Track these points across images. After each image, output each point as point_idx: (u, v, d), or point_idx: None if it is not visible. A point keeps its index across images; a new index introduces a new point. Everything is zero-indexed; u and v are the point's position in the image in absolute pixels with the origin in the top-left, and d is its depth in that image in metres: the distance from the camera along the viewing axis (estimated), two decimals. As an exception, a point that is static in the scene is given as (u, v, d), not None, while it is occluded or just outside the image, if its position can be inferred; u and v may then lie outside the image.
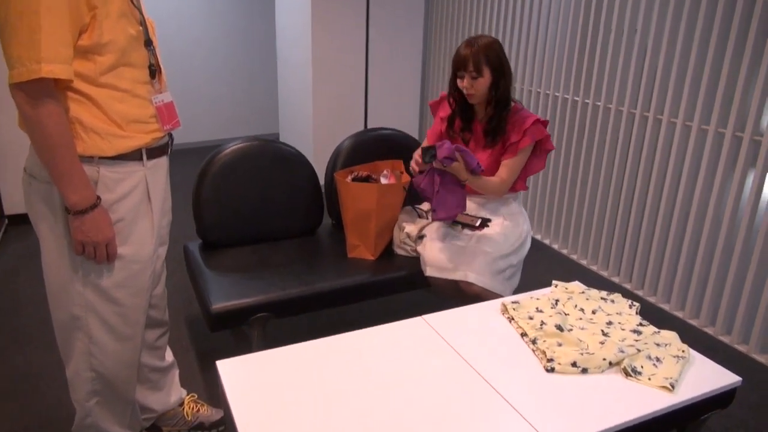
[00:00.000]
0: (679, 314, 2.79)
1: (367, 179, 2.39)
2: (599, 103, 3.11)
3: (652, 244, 2.91)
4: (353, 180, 2.36)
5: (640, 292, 2.99)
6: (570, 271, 3.24)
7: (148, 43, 1.42)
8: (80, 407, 1.55)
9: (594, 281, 3.10)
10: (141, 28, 1.40)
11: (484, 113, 2.17)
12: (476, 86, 2.07)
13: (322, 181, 2.59)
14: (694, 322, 2.73)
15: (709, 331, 2.66)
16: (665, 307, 2.86)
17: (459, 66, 2.07)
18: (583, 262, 3.32)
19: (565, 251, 3.47)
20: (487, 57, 2.03)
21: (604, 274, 3.18)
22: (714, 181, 2.61)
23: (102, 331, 1.47)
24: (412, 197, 2.40)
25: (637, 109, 2.93)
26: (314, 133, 4.33)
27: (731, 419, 2.10)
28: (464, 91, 2.10)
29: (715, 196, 2.58)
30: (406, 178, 2.36)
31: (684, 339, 1.68)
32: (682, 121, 2.69)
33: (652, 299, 2.93)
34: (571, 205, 3.40)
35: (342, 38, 4.17)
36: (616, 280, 3.13)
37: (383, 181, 2.40)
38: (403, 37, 4.41)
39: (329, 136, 4.32)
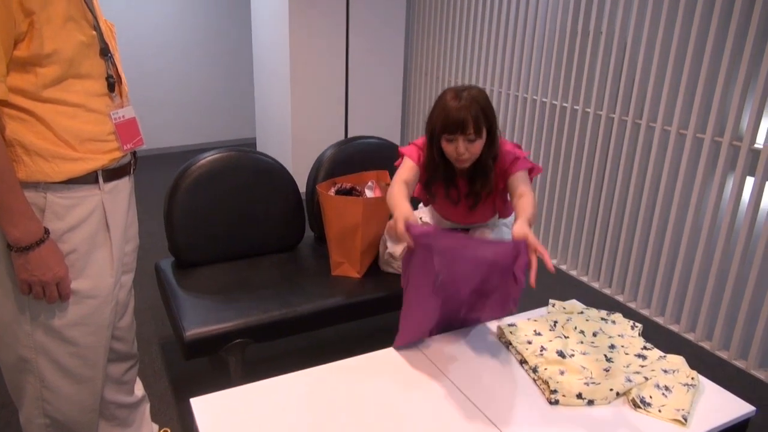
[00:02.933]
0: (690, 336, 2.66)
1: (351, 192, 2.26)
2: (577, 107, 3.04)
3: (654, 258, 2.83)
4: (337, 193, 2.23)
5: (646, 311, 2.86)
6: (564, 285, 3.15)
7: (104, 51, 1.25)
8: None
9: (593, 299, 3.00)
10: (94, 33, 1.21)
11: (465, 171, 1.83)
12: (472, 149, 1.71)
13: (302, 191, 2.45)
14: (705, 344, 2.60)
15: (723, 354, 2.53)
16: (674, 328, 2.72)
17: (454, 128, 1.67)
18: (584, 278, 3.20)
19: (555, 263, 3.38)
20: (485, 114, 1.68)
21: (607, 291, 3.04)
22: (710, 187, 2.54)
23: (56, 374, 1.31)
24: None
25: (615, 114, 2.88)
26: (293, 141, 4.18)
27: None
28: (456, 156, 1.72)
29: (731, 205, 2.44)
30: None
31: (692, 363, 1.58)
32: (675, 129, 2.62)
33: (659, 319, 2.79)
34: (560, 213, 3.31)
35: (321, 43, 4.04)
36: (620, 298, 2.98)
37: (368, 193, 2.28)
38: (384, 42, 4.30)
39: (309, 145, 4.19)
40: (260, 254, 2.32)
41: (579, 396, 1.41)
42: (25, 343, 1.26)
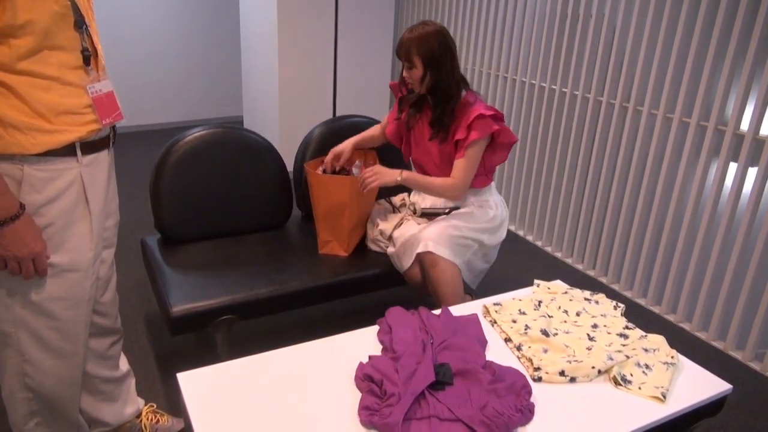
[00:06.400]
0: (671, 317, 2.70)
1: (338, 170, 2.26)
2: (566, 90, 3.04)
3: (638, 240, 2.87)
4: (324, 171, 2.23)
5: (628, 293, 2.89)
6: (548, 266, 3.18)
7: (80, 23, 1.20)
8: (18, 431, 1.40)
9: (578, 280, 3.03)
10: (68, 3, 1.17)
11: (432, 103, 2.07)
12: (412, 76, 1.98)
13: (290, 170, 2.44)
14: (685, 325, 2.64)
15: (702, 335, 2.57)
16: (655, 309, 2.76)
17: (398, 55, 1.99)
18: (568, 259, 3.22)
19: (541, 244, 3.41)
20: (419, 48, 1.92)
21: (591, 273, 3.07)
22: (694, 171, 2.57)
23: (36, 348, 1.30)
24: (386, 189, 2.28)
25: (603, 97, 2.89)
26: (281, 119, 4.15)
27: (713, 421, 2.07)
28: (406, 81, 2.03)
29: (715, 190, 2.46)
30: (380, 169, 2.23)
31: (672, 343, 1.62)
32: (662, 113, 2.64)
33: (641, 301, 2.83)
34: (546, 196, 3.33)
35: (310, 21, 3.99)
36: (604, 280, 3.01)
37: (355, 172, 2.27)
38: (373, 22, 4.25)
39: (297, 123, 4.15)
40: (247, 232, 2.32)
41: (562, 373, 1.44)
42: (4, 316, 1.25)
